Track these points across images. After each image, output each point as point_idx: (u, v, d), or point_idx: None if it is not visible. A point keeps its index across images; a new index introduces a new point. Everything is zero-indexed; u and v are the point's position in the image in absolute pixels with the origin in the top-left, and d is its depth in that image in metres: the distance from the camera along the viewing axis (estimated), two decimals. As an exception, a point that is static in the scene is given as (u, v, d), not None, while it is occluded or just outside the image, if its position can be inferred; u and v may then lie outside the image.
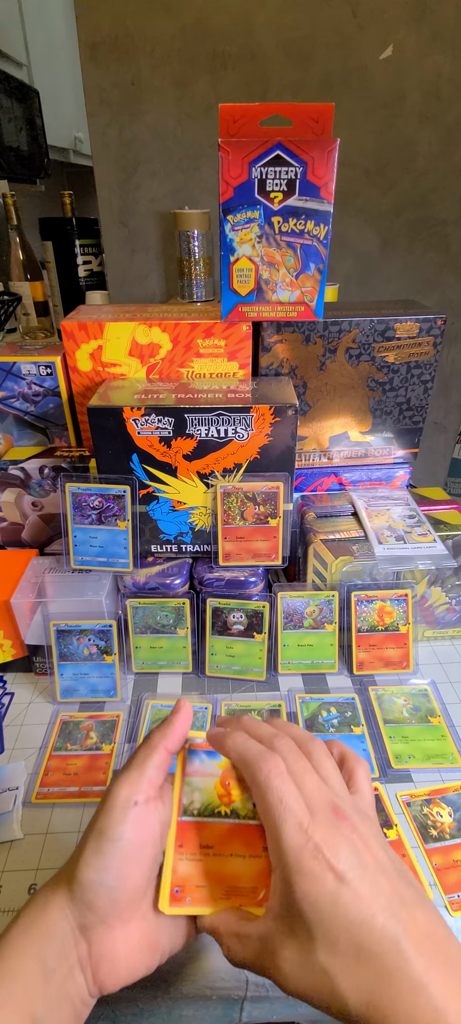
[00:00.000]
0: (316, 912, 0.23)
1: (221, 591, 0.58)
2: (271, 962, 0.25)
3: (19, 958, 0.25)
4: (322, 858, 0.23)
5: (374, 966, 0.21)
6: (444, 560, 0.56)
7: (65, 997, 0.25)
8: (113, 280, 1.00)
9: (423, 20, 0.78)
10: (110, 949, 0.26)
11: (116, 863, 0.26)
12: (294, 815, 0.25)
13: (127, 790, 0.27)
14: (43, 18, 1.62)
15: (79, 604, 0.56)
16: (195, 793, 0.31)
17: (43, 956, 0.25)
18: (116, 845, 0.26)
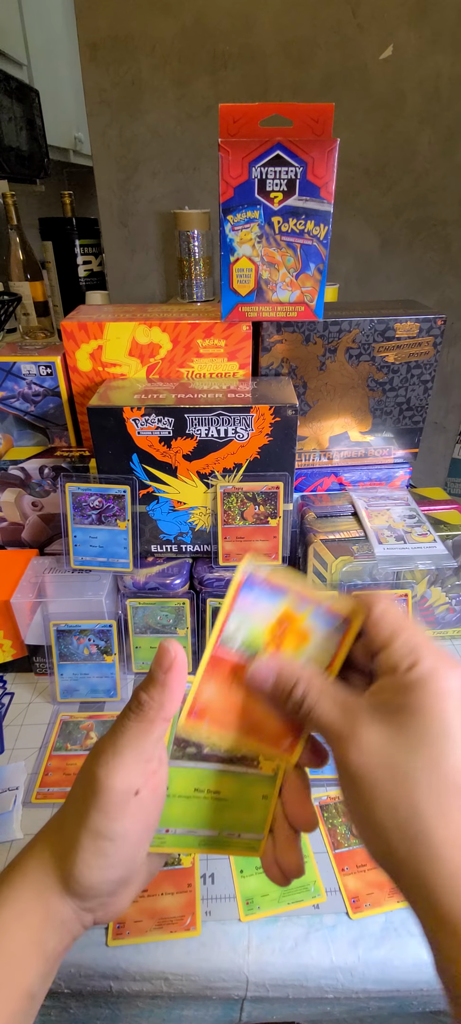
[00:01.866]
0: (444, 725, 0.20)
1: (221, 591, 0.58)
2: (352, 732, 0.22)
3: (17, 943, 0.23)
4: None
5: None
6: (444, 560, 0.56)
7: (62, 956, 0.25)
8: (113, 280, 1.00)
9: (423, 20, 0.78)
10: (115, 907, 0.26)
11: (121, 857, 0.24)
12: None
13: (124, 781, 0.23)
14: (43, 18, 1.62)
15: (79, 604, 0.56)
16: (241, 627, 0.26)
17: (43, 940, 0.24)
18: (118, 843, 0.23)
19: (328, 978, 0.39)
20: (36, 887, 0.24)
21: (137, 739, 0.23)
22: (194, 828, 0.27)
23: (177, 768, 0.27)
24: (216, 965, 0.39)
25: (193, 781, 0.27)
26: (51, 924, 0.24)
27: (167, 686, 0.24)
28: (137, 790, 0.23)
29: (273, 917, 0.42)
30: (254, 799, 0.28)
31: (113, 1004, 0.42)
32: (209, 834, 0.28)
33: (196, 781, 0.27)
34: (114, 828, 0.23)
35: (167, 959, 0.40)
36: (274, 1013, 0.42)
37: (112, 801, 0.23)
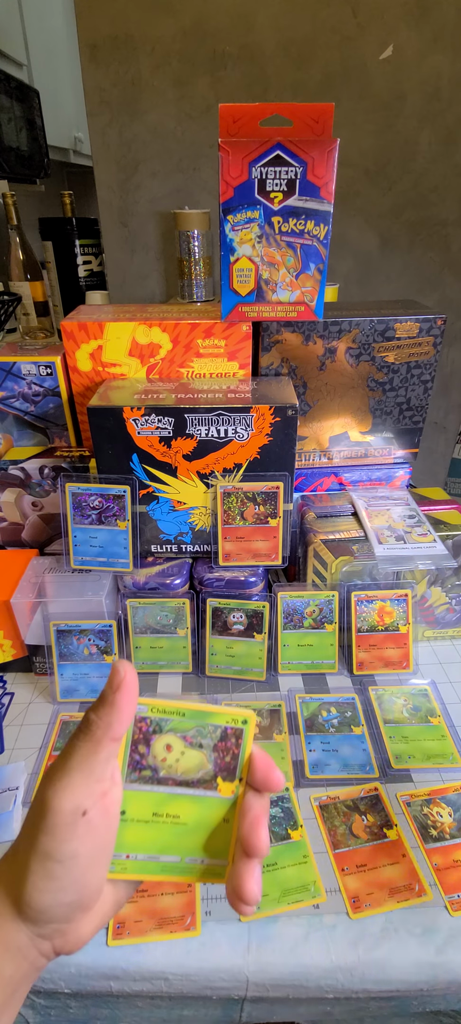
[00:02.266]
0: None
1: (221, 591, 0.58)
2: None
3: None
4: None
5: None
6: (444, 560, 0.56)
7: (21, 986, 0.25)
8: (113, 280, 1.00)
9: (423, 20, 0.78)
10: (76, 935, 0.25)
11: (72, 879, 0.23)
12: None
13: (71, 801, 0.22)
14: (43, 18, 1.62)
15: (79, 604, 0.56)
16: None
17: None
18: (68, 864, 0.23)
19: (328, 978, 0.39)
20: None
21: (85, 759, 0.23)
22: (156, 854, 0.27)
23: (133, 792, 0.27)
24: (216, 965, 0.39)
25: (151, 805, 0.27)
26: (6, 949, 0.24)
27: (115, 705, 0.24)
28: (85, 811, 0.23)
29: (273, 917, 0.42)
30: (215, 823, 0.27)
31: (113, 1004, 0.42)
32: (171, 860, 0.28)
33: (154, 805, 0.27)
34: (62, 850, 0.23)
35: (167, 959, 0.40)
36: (274, 1013, 0.42)
37: (60, 823, 0.22)
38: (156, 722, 0.27)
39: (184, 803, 0.27)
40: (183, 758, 0.27)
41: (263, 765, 0.26)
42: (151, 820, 0.27)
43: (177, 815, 0.27)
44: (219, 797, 0.27)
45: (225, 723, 0.27)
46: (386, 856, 0.44)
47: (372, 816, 0.47)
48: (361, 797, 0.48)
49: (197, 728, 0.27)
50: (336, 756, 0.52)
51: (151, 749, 0.27)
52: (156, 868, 0.27)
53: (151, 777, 0.27)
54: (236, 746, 0.27)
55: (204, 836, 0.27)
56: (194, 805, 0.27)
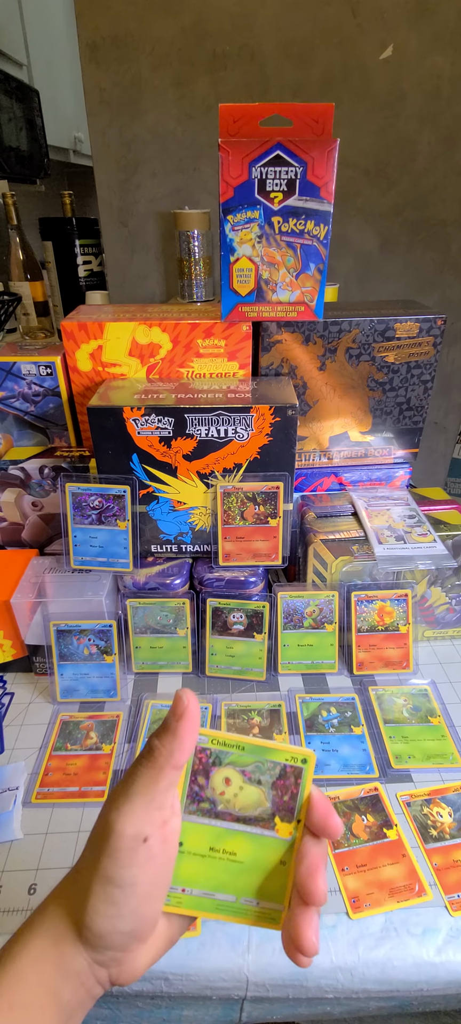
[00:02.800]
0: None
1: (221, 591, 0.58)
2: None
3: (32, 990, 0.23)
4: None
5: None
6: (444, 560, 0.56)
7: (78, 1012, 0.25)
8: (113, 280, 1.00)
9: (423, 20, 0.78)
10: (131, 967, 0.25)
11: (131, 907, 0.23)
12: None
13: (134, 826, 0.23)
14: (43, 18, 1.62)
15: (79, 604, 0.56)
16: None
17: (57, 989, 0.24)
18: (128, 891, 0.23)
19: (328, 978, 0.39)
20: (51, 933, 0.24)
21: (147, 786, 0.23)
22: (211, 891, 0.27)
23: (191, 823, 0.26)
24: (216, 965, 0.39)
25: (208, 839, 0.27)
26: (65, 973, 0.24)
27: (178, 734, 0.24)
28: (146, 837, 0.23)
29: (273, 917, 0.41)
30: (271, 864, 0.27)
31: (113, 1004, 0.42)
32: (226, 899, 0.27)
33: (211, 839, 0.27)
34: (123, 875, 0.23)
35: (167, 959, 0.39)
36: (274, 1013, 0.42)
37: (122, 847, 0.23)
38: (216, 754, 0.27)
39: (241, 840, 0.27)
40: (242, 793, 0.27)
41: (322, 809, 0.26)
42: (208, 855, 0.27)
43: (234, 852, 0.27)
44: (277, 837, 0.27)
45: (284, 760, 0.26)
46: (386, 856, 0.44)
47: (372, 816, 0.47)
48: (361, 797, 0.48)
49: (256, 764, 0.27)
50: (336, 756, 0.52)
51: (210, 781, 0.26)
52: (211, 906, 0.27)
53: (209, 810, 0.26)
54: (295, 785, 0.26)
55: (260, 877, 0.27)
56: (251, 843, 0.27)
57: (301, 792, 0.26)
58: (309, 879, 0.25)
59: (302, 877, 0.25)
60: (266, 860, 0.27)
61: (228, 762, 0.27)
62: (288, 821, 0.26)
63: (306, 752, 0.26)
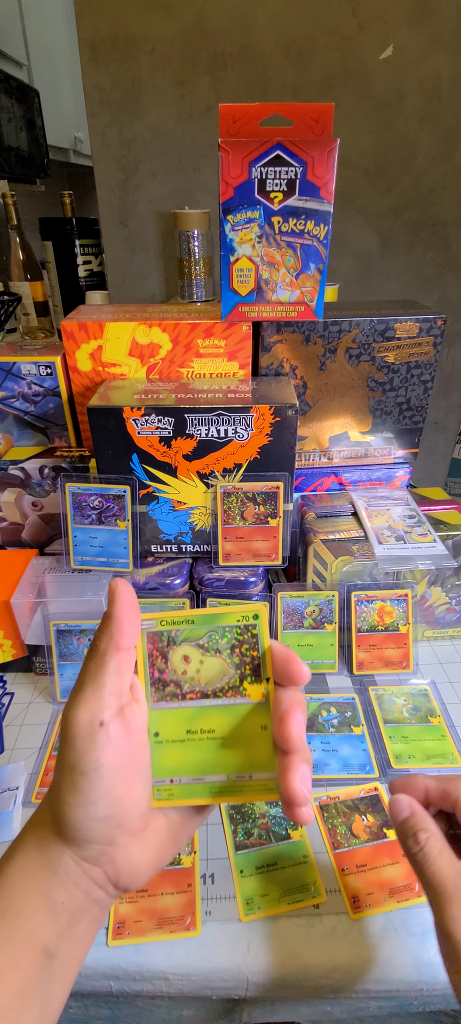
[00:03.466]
0: None
1: (221, 591, 0.58)
2: None
3: (21, 895, 0.23)
4: None
5: None
6: (444, 560, 0.56)
7: (80, 918, 0.24)
8: (113, 280, 1.00)
9: (423, 20, 0.78)
10: (128, 863, 0.25)
11: (101, 793, 0.23)
12: None
13: (86, 713, 0.23)
14: (43, 18, 1.62)
15: (79, 604, 0.56)
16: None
17: (47, 891, 0.24)
18: (92, 776, 0.23)
19: (328, 978, 0.39)
20: (35, 839, 0.25)
21: (94, 674, 0.24)
22: (199, 775, 0.26)
23: (162, 711, 0.26)
24: (216, 965, 0.39)
25: (182, 722, 0.26)
26: (53, 874, 0.24)
27: (113, 617, 0.25)
28: (102, 721, 0.23)
29: (273, 917, 0.42)
30: (253, 732, 0.26)
31: (113, 1004, 0.42)
32: (218, 779, 0.26)
33: (186, 722, 0.26)
34: (84, 760, 0.23)
35: (167, 959, 0.40)
36: (274, 1013, 0.42)
37: (78, 734, 0.23)
38: (168, 634, 0.26)
39: (215, 715, 0.26)
40: (203, 667, 0.26)
41: (281, 657, 0.26)
42: (186, 739, 0.26)
43: (212, 729, 0.26)
44: (250, 702, 0.26)
45: (236, 622, 0.26)
46: (386, 856, 0.44)
47: (372, 816, 0.47)
48: (361, 797, 0.48)
49: (209, 633, 0.26)
50: (336, 756, 0.52)
51: (169, 663, 0.26)
52: (204, 791, 0.26)
53: (176, 693, 0.26)
54: (253, 646, 0.26)
55: (246, 749, 0.26)
56: (226, 715, 0.26)
57: (261, 649, 0.26)
58: (281, 725, 0.25)
59: (276, 728, 0.25)
60: (246, 729, 0.26)
61: (182, 639, 0.26)
62: (257, 682, 0.26)
63: (256, 606, 0.26)
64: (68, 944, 0.24)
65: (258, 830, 0.46)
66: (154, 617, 0.26)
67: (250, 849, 0.45)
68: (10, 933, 0.23)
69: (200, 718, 0.26)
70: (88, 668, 0.24)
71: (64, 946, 0.24)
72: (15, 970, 0.22)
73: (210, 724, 0.26)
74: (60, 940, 0.24)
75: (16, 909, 0.23)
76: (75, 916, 0.24)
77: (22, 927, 0.23)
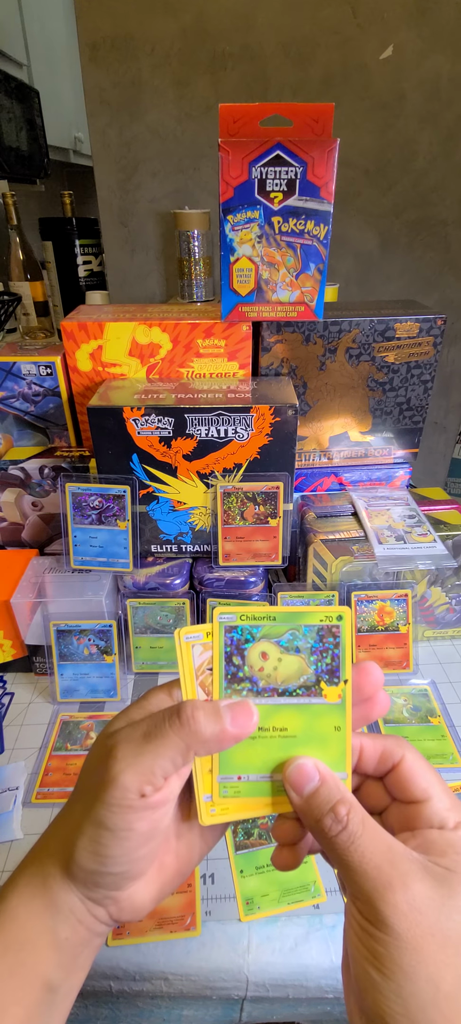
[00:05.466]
0: None
1: (221, 591, 0.58)
2: None
3: (26, 930, 0.23)
4: None
5: None
6: (444, 560, 0.56)
7: (82, 950, 0.24)
8: (113, 280, 1.00)
9: (423, 20, 0.78)
10: (130, 903, 0.24)
11: (123, 852, 0.23)
12: None
13: (135, 780, 0.22)
14: (43, 18, 1.62)
15: (79, 604, 0.56)
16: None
17: (51, 927, 0.23)
18: (120, 837, 0.22)
19: (328, 978, 0.39)
20: (40, 873, 0.24)
21: (160, 743, 0.22)
22: (269, 773, 0.25)
23: None
24: (216, 965, 0.39)
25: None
26: (57, 910, 0.24)
27: (219, 739, 0.23)
28: (144, 793, 0.22)
29: (273, 917, 0.42)
30: (326, 732, 0.25)
31: (113, 1004, 0.42)
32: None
33: (259, 719, 0.25)
34: (118, 822, 0.22)
35: (167, 959, 0.40)
36: (274, 1013, 0.42)
37: (121, 801, 0.22)
38: (247, 630, 0.25)
39: (290, 713, 0.25)
40: (281, 665, 0.25)
41: (366, 680, 0.25)
42: (258, 735, 0.25)
43: (285, 728, 0.25)
44: (325, 703, 0.25)
45: (319, 622, 0.25)
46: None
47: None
48: (361, 797, 0.48)
49: (291, 632, 0.25)
50: (336, 756, 0.52)
51: (247, 659, 0.25)
52: (270, 789, 0.25)
53: (251, 689, 0.25)
54: (335, 645, 0.25)
55: (317, 749, 0.25)
56: (300, 715, 0.25)
57: (342, 651, 0.25)
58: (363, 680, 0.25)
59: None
60: (319, 729, 0.25)
61: (261, 636, 0.25)
62: (334, 684, 0.25)
63: (341, 609, 0.25)
64: (70, 975, 0.24)
65: (258, 830, 0.46)
66: (234, 611, 0.25)
67: (250, 849, 0.45)
68: (13, 967, 0.23)
69: (273, 716, 0.25)
70: (161, 735, 0.22)
71: (66, 978, 0.24)
72: (18, 1004, 0.22)
73: (283, 722, 0.25)
74: (63, 973, 0.24)
75: (19, 944, 0.23)
76: (77, 950, 0.24)
77: (25, 961, 0.23)
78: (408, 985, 0.19)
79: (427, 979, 0.19)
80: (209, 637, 0.25)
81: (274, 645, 0.25)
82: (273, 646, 0.25)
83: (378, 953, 0.20)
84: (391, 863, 0.21)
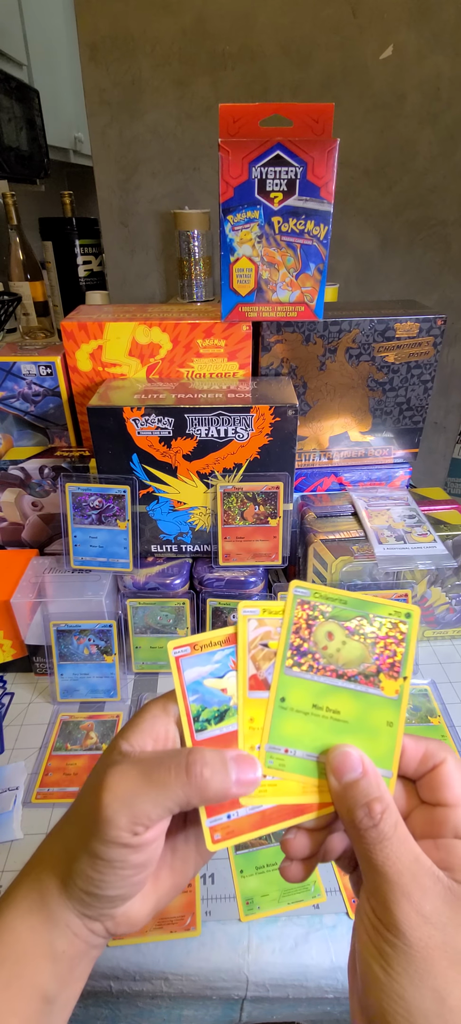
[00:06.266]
0: None
1: (221, 591, 0.58)
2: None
3: (23, 942, 0.23)
4: None
5: None
6: (444, 560, 0.56)
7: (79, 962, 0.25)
8: (113, 280, 1.00)
9: (423, 20, 0.78)
10: (126, 918, 0.25)
11: (117, 880, 0.23)
12: None
13: (128, 822, 0.22)
14: (43, 18, 1.62)
15: (79, 604, 0.56)
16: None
17: (48, 940, 0.24)
18: (114, 866, 0.23)
19: (328, 978, 0.39)
20: (37, 887, 0.25)
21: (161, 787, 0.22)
22: (315, 752, 0.25)
23: (294, 679, 0.25)
24: (216, 965, 0.39)
25: (311, 695, 0.25)
26: (54, 924, 0.24)
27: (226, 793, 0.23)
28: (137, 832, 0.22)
29: (273, 917, 0.42)
30: (378, 725, 0.25)
31: (113, 1004, 0.42)
32: None
33: (314, 696, 0.25)
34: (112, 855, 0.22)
35: (167, 959, 0.40)
36: (274, 1013, 0.42)
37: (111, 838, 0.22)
38: (318, 607, 0.26)
39: (345, 697, 0.25)
40: (345, 648, 0.25)
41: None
42: (311, 712, 0.25)
43: (338, 710, 0.25)
44: (382, 696, 0.25)
45: (388, 615, 0.25)
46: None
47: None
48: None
49: (359, 618, 0.26)
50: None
51: (313, 635, 0.25)
52: (314, 769, 0.25)
53: (312, 665, 0.25)
54: (399, 641, 0.25)
55: (366, 739, 0.25)
56: (355, 701, 0.25)
57: (406, 648, 0.25)
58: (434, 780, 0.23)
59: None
60: (372, 720, 0.25)
61: (331, 616, 0.26)
62: (393, 679, 0.25)
63: (410, 607, 0.25)
64: (67, 986, 0.24)
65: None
66: (309, 587, 0.26)
67: (250, 849, 0.45)
68: (10, 979, 0.23)
69: (329, 696, 0.25)
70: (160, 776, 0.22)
71: (63, 990, 0.24)
72: (15, 1016, 0.23)
73: (337, 705, 0.25)
74: (60, 985, 0.24)
75: (16, 956, 0.23)
76: (74, 962, 0.24)
77: (22, 974, 0.23)
78: (412, 991, 0.19)
79: (433, 991, 0.19)
80: (265, 613, 0.26)
81: (341, 627, 0.26)
82: (340, 628, 0.26)
83: (386, 953, 0.20)
84: (414, 875, 0.21)
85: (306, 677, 0.25)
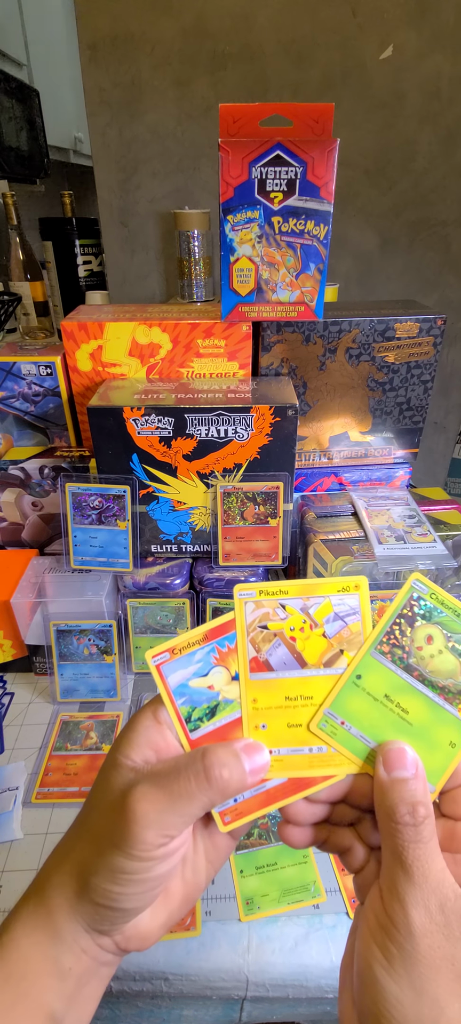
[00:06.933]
0: None
1: (221, 591, 0.58)
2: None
3: (28, 960, 0.23)
4: None
5: None
6: (444, 560, 0.56)
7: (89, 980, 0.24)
8: (113, 280, 1.00)
9: (423, 20, 0.78)
10: (136, 932, 0.24)
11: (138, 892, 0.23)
12: None
13: (158, 837, 0.22)
14: (43, 18, 1.62)
15: (79, 604, 0.56)
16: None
17: (54, 956, 0.23)
18: (137, 879, 0.22)
19: (328, 978, 0.39)
20: (45, 903, 0.24)
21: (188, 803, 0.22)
22: (369, 736, 0.25)
23: (376, 662, 0.25)
24: (216, 965, 0.39)
25: (387, 685, 0.25)
26: (61, 941, 0.23)
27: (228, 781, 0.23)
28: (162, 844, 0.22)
29: (273, 917, 0.42)
30: (440, 741, 0.25)
31: (113, 1004, 0.42)
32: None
33: (389, 687, 0.25)
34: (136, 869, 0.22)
35: (167, 959, 0.40)
36: (274, 1013, 0.42)
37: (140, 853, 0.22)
38: (430, 608, 0.25)
39: (419, 702, 0.25)
40: (439, 657, 0.25)
41: None
42: (380, 700, 0.25)
43: (406, 711, 0.25)
44: (456, 716, 0.25)
45: None
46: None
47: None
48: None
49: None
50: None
51: (414, 631, 0.25)
52: (362, 751, 0.25)
53: (400, 658, 0.25)
54: None
55: (424, 748, 0.25)
56: (427, 710, 0.25)
57: None
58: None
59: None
60: (436, 734, 0.25)
61: (437, 621, 0.25)
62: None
63: None
64: (76, 1006, 0.24)
65: (258, 830, 0.46)
66: (428, 584, 0.25)
67: (250, 849, 0.45)
68: (16, 998, 0.22)
69: (403, 693, 0.25)
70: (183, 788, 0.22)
71: (72, 1009, 0.24)
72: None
73: (408, 705, 0.25)
74: (67, 1004, 0.24)
75: (21, 973, 0.23)
76: (82, 980, 0.24)
77: (28, 992, 0.23)
78: (412, 996, 0.20)
79: (433, 999, 0.19)
80: (262, 595, 0.26)
81: (443, 636, 0.25)
82: (442, 636, 0.25)
83: (390, 954, 0.20)
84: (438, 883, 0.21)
85: (390, 667, 0.25)
